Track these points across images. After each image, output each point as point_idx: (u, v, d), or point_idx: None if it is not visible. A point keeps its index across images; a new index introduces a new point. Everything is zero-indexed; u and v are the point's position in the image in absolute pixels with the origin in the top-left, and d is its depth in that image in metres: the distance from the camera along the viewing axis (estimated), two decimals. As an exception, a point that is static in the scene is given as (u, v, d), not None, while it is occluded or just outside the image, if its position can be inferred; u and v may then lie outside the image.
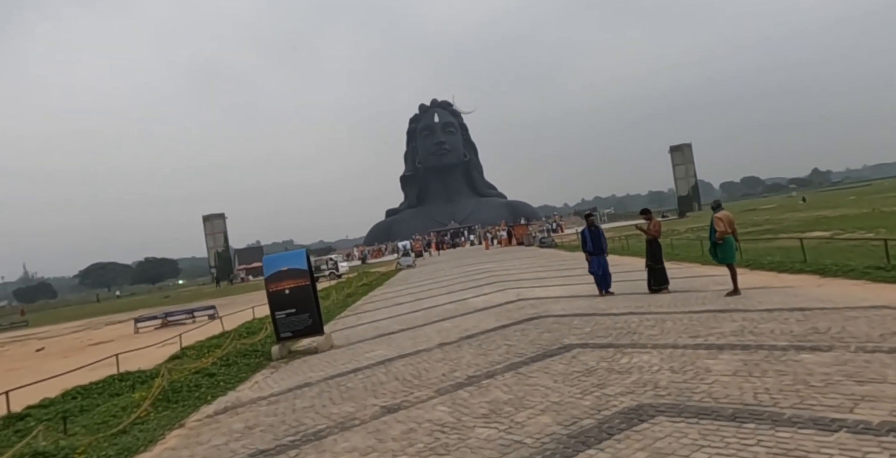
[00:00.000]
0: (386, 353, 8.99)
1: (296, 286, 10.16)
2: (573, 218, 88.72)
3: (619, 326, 8.16)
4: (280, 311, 10.15)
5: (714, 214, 9.57)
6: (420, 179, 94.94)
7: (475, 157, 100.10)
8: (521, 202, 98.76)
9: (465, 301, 14.25)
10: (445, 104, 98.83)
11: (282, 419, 6.17)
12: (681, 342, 6.67)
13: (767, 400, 4.41)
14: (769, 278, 10.87)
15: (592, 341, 7.41)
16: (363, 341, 10.55)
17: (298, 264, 10.27)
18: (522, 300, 12.76)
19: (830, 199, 65.07)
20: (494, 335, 8.97)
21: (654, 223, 11.04)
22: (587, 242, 11.92)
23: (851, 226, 21.94)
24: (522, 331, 8.96)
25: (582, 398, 5.16)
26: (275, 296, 10.17)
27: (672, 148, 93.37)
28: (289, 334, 10.22)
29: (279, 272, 10.20)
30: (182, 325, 23.16)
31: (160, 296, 68.57)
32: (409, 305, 15.70)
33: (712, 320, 7.61)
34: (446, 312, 12.77)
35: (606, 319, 8.90)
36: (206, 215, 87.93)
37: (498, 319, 10.62)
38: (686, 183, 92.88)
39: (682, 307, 8.98)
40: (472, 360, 7.47)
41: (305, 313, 10.16)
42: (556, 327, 8.89)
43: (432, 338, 9.66)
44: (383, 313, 14.65)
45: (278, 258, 10.49)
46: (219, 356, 10.03)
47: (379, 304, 17.58)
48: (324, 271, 44.10)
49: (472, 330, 9.78)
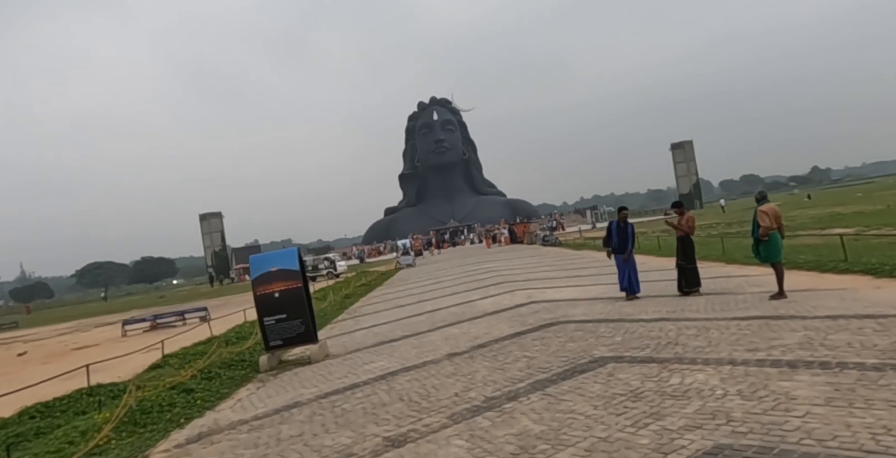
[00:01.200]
0: (387, 365, 7.94)
1: (286, 289, 9.09)
2: (573, 216, 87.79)
3: (655, 334, 7.12)
4: (269, 316, 9.08)
5: (758, 207, 8.50)
6: (419, 178, 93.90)
7: (474, 155, 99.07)
8: (521, 201, 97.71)
9: (472, 303, 13.20)
10: (444, 102, 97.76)
11: (263, 453, 5.11)
12: (738, 357, 5.61)
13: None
14: (812, 279, 9.82)
15: (628, 354, 6.36)
16: (362, 350, 9.50)
17: (289, 265, 9.21)
18: (535, 303, 11.72)
19: (836, 196, 64.00)
20: (510, 344, 7.92)
21: (686, 218, 9.98)
22: (612, 236, 10.86)
23: (873, 222, 20.90)
24: (542, 340, 7.91)
25: (636, 434, 4.11)
26: (263, 300, 9.10)
27: (673, 145, 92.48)
28: (279, 343, 9.15)
29: (267, 274, 9.13)
30: (172, 327, 22.09)
31: (155, 296, 67.42)
32: (411, 307, 14.65)
33: (766, 330, 6.56)
34: (452, 316, 11.72)
35: (637, 326, 7.85)
36: (202, 214, 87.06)
37: (511, 324, 9.58)
38: (687, 181, 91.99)
39: (723, 313, 7.93)
40: (489, 375, 6.42)
41: (297, 319, 9.10)
42: (580, 335, 7.84)
43: (439, 347, 8.61)
44: (384, 317, 13.59)
45: (267, 258, 9.42)
46: (200, 368, 8.96)
47: (379, 306, 16.53)
48: (321, 271, 43.11)
49: (484, 338, 8.73)
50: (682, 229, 9.88)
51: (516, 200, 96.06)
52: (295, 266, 9.22)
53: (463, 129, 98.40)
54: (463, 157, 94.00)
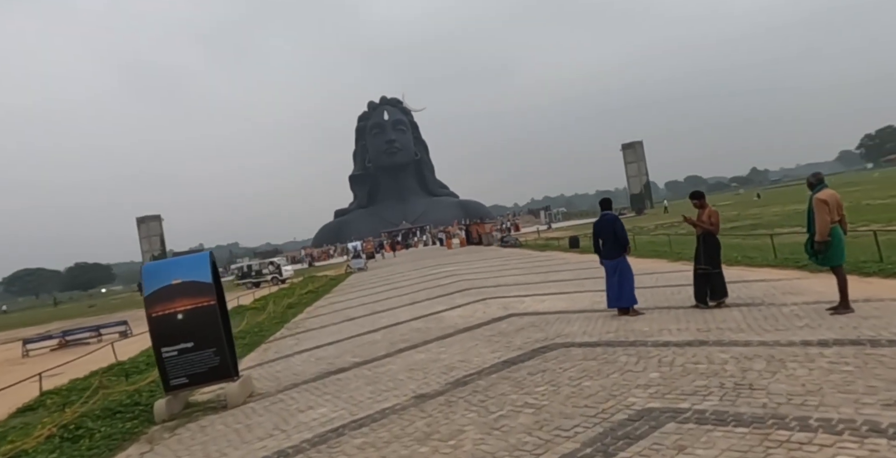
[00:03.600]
0: (331, 414, 5.69)
1: (195, 308, 6.72)
2: (527, 217, 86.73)
3: (707, 368, 5.12)
4: (169, 346, 6.67)
5: (813, 194, 6.64)
6: (370, 179, 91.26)
7: (426, 155, 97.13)
8: (474, 201, 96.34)
9: (438, 316, 11.05)
10: (395, 101, 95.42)
11: None
12: (880, 420, 3.63)
13: None
14: (861, 286, 8.05)
15: (686, 405, 4.32)
16: (299, 387, 7.20)
17: (199, 275, 6.83)
18: (515, 316, 9.66)
19: (782, 195, 64.84)
20: (500, 381, 5.81)
21: (708, 212, 8.03)
22: (599, 239, 8.79)
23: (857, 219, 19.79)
24: (544, 374, 5.82)
25: None
26: (161, 323, 6.70)
27: (624, 146, 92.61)
28: (183, 381, 6.75)
29: (168, 288, 6.73)
30: (85, 345, 19.11)
31: (85, 305, 62.55)
32: (363, 321, 12.37)
33: (876, 364, 4.63)
34: (415, 333, 9.54)
35: (669, 353, 5.86)
36: (140, 217, 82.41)
37: (493, 347, 7.47)
38: (638, 181, 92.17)
39: (780, 334, 6.01)
40: (482, 442, 4.28)
41: (209, 349, 6.73)
42: (594, 366, 5.79)
43: (402, 383, 6.43)
44: (331, 334, 11.28)
45: (166, 267, 7.01)
46: (70, 419, 6.49)
47: (326, 319, 14.16)
48: (266, 276, 40.34)
49: (461, 368, 6.59)
50: (704, 226, 7.95)
51: (469, 201, 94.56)
52: (206, 276, 6.86)
53: (415, 129, 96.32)
54: (415, 157, 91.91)
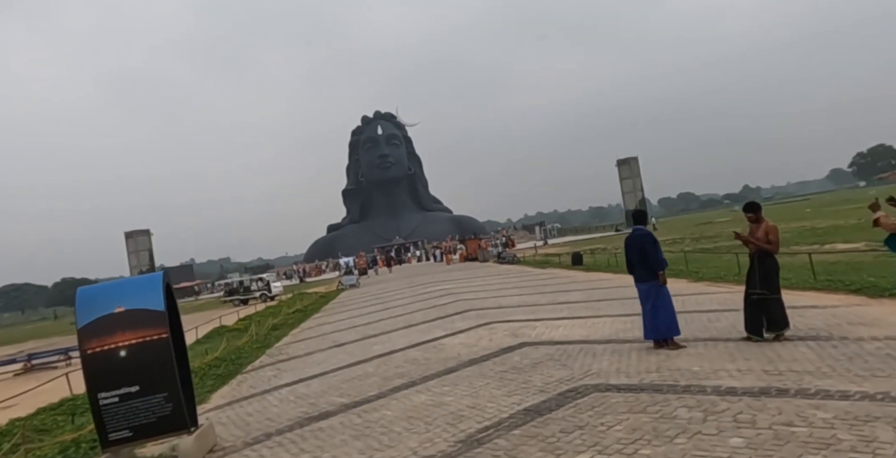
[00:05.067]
0: (309, 486, 4.38)
1: (142, 343, 5.39)
2: (521, 232, 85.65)
3: (808, 435, 3.84)
4: (108, 391, 5.34)
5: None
6: (363, 193, 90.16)
7: (420, 170, 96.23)
8: (468, 217, 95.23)
9: (438, 344, 9.74)
10: (389, 116, 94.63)
11: None
12: None
13: None
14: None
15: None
16: (272, 438, 5.86)
17: (149, 302, 5.51)
18: (527, 345, 8.37)
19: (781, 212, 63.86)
20: (527, 443, 4.51)
21: (765, 227, 6.77)
22: (634, 258, 7.53)
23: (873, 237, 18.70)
24: (582, 433, 4.53)
25: None
26: (98, 362, 5.36)
27: (619, 161, 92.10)
28: (125, 435, 5.39)
29: (108, 318, 5.41)
30: (52, 369, 17.63)
31: (67, 322, 60.55)
32: (353, 347, 11.04)
33: None
34: (413, 365, 8.22)
35: (742, 406, 4.58)
36: (128, 232, 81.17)
37: (508, 387, 6.18)
38: (633, 197, 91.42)
39: (884, 382, 4.75)
40: None
41: (160, 394, 5.39)
42: (646, 424, 4.51)
43: (399, 439, 5.11)
44: (315, 364, 9.93)
45: (108, 291, 5.68)
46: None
47: (311, 344, 12.79)
48: (254, 293, 38.82)
49: (473, 419, 5.29)
50: (760, 244, 6.70)
51: (463, 217, 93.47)
52: (158, 303, 5.54)
53: (408, 144, 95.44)
54: (408, 172, 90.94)
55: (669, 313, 7.10)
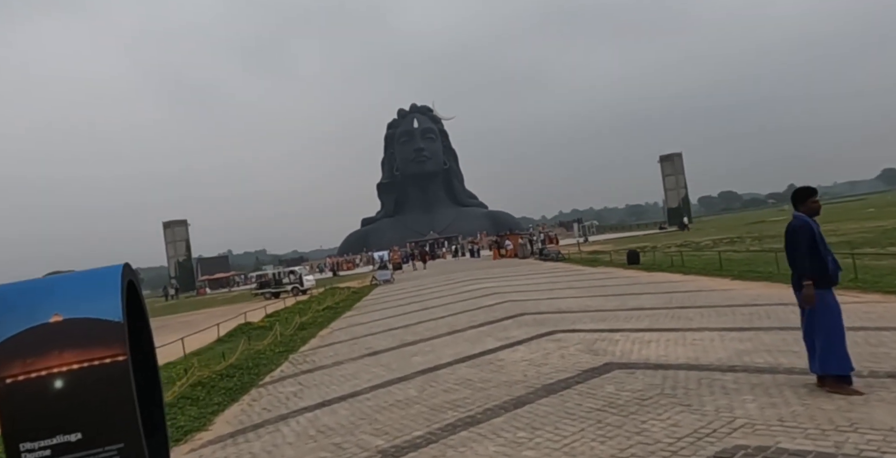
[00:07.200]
0: None
1: (88, 368, 3.64)
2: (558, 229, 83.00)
3: None
4: (35, 440, 3.60)
5: None
6: (398, 187, 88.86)
7: (455, 164, 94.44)
8: (503, 213, 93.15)
9: (494, 358, 7.85)
10: (425, 109, 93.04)
11: None
12: None
13: None
14: None
15: None
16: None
17: (100, 308, 3.74)
18: (618, 369, 6.42)
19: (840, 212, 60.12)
20: None
21: None
22: (820, 258, 5.03)
23: None
24: None
25: None
26: (20, 397, 3.63)
27: (662, 158, 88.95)
28: (61, 506, 3.67)
29: (37, 331, 3.65)
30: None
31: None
32: (389, 357, 9.24)
33: None
34: (468, 390, 6.35)
35: None
36: (166, 222, 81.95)
37: (616, 444, 4.26)
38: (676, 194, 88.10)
39: None
40: None
41: (113, 445, 3.60)
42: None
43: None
44: (344, 380, 8.15)
45: (41, 289, 3.94)
46: None
47: (341, 350, 11.05)
48: (285, 286, 37.57)
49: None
50: None
51: (498, 212, 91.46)
52: (114, 310, 3.76)
53: (444, 137, 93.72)
54: (444, 166, 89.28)
55: (828, 340, 4.87)
